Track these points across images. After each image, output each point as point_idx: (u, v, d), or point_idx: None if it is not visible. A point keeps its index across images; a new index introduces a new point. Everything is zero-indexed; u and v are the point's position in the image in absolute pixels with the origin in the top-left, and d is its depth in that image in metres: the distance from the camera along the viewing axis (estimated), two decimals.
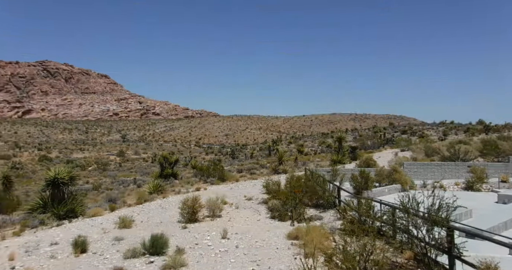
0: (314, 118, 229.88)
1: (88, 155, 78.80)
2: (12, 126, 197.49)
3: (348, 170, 20.18)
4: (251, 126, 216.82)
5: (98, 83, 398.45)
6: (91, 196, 19.25)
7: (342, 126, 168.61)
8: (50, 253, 8.25)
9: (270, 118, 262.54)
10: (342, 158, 28.82)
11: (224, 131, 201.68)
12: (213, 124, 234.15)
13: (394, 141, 51.38)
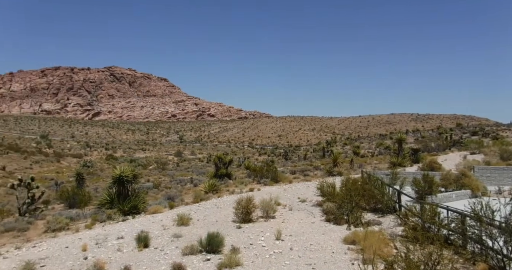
0: (371, 118, 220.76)
1: (149, 154, 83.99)
2: (83, 127, 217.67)
3: (409, 173, 19.04)
4: (305, 127, 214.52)
5: (158, 86, 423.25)
6: (152, 194, 20.45)
7: (402, 127, 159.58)
8: (117, 246, 8.93)
9: (324, 119, 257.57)
10: (402, 160, 27.28)
11: (277, 132, 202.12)
12: (266, 125, 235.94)
13: (463, 143, 47.38)
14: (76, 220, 13.16)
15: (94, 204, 16.75)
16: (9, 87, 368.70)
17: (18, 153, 67.68)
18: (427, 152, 39.82)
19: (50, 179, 35.89)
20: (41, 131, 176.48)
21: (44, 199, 18.55)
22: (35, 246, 9.48)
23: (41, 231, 11.63)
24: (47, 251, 8.84)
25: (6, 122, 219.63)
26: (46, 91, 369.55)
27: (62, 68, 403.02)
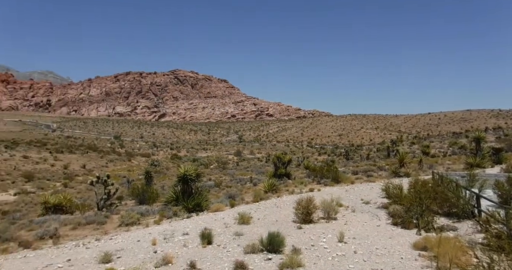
0: (443, 116, 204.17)
1: (210, 154, 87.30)
2: (151, 128, 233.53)
3: (489, 175, 17.20)
4: (367, 126, 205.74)
5: (218, 87, 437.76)
6: (213, 192, 21.20)
7: (480, 124, 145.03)
8: (182, 241, 9.42)
9: (388, 117, 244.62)
10: (481, 161, 24.75)
11: (337, 131, 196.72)
12: (326, 124, 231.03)
13: None
14: (146, 216, 14.14)
15: (161, 201, 17.84)
16: (88, 92, 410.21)
17: (95, 152, 74.98)
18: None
19: (123, 177, 39.08)
20: (114, 132, 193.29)
21: (118, 195, 20.28)
22: (111, 239, 10.40)
23: (116, 225, 12.72)
24: (121, 244, 9.64)
25: (85, 124, 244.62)
26: (118, 95, 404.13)
27: (132, 73, 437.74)
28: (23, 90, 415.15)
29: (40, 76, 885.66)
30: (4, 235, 10.80)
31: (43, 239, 10.70)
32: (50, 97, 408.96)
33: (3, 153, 57.17)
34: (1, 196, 28.52)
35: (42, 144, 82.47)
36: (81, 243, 10.02)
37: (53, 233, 11.06)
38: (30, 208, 19.89)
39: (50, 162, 55.66)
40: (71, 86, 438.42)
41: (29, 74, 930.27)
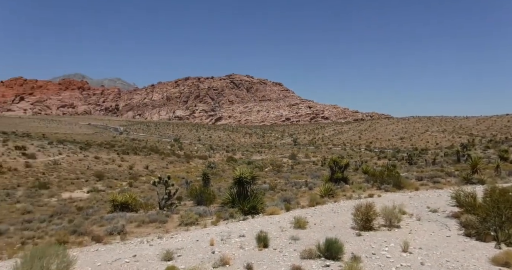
0: None
1: (265, 157, 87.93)
2: (208, 131, 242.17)
3: None
4: (432, 128, 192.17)
5: (273, 91, 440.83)
6: (268, 195, 21.26)
7: None
8: (239, 243, 9.56)
9: (457, 119, 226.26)
10: None
11: (399, 135, 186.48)
12: (386, 127, 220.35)
13: None
14: (204, 216, 14.60)
15: (218, 202, 18.31)
16: (151, 97, 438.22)
17: (157, 154, 79.63)
18: None
19: (182, 178, 40.93)
20: (174, 135, 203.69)
21: (178, 195, 21.26)
22: (172, 237, 10.90)
23: (176, 224, 13.31)
24: (181, 243, 10.05)
25: (148, 127, 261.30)
26: (178, 100, 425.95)
27: (191, 78, 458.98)
28: (95, 96, 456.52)
29: (110, 83, 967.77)
30: (79, 229, 11.88)
31: (112, 234, 11.56)
32: (118, 102, 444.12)
33: (78, 153, 63.19)
34: (76, 193, 31.49)
35: (111, 146, 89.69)
36: (145, 240, 10.64)
37: (120, 230, 11.91)
38: (100, 205, 21.66)
39: (117, 162, 60.26)
40: (136, 92, 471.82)
41: (100, 81, 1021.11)
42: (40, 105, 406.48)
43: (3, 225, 14.29)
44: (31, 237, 11.48)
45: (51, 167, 48.38)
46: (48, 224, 14.61)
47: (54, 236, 11.33)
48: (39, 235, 11.78)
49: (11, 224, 14.99)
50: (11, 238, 11.62)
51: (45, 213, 19.11)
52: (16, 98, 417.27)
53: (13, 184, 36.50)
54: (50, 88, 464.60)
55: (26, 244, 10.66)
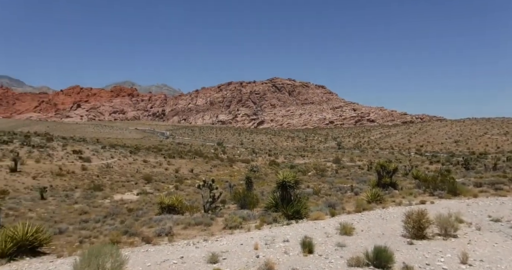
0: None
1: (308, 161, 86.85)
2: (250, 135, 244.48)
3: None
4: (492, 131, 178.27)
5: (315, 94, 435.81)
6: (312, 200, 20.94)
7: None
8: (283, 248, 9.51)
9: None
10: None
11: (453, 138, 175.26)
12: (438, 129, 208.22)
13: None
14: (247, 220, 14.72)
15: (261, 206, 18.37)
16: (195, 102, 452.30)
17: (201, 157, 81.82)
18: None
19: (225, 181, 41.61)
20: (217, 139, 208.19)
21: (222, 199, 21.66)
22: (217, 240, 11.11)
23: (221, 227, 13.55)
24: (226, 246, 10.21)
25: (193, 131, 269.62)
26: (221, 104, 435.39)
27: (233, 83, 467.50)
28: (143, 102, 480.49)
29: (157, 89, 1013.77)
30: (130, 230, 12.52)
31: (160, 236, 12.04)
32: (164, 107, 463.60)
33: (129, 157, 66.74)
34: (127, 195, 33.22)
35: (158, 150, 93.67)
36: (191, 242, 10.95)
37: (168, 231, 12.37)
38: (149, 207, 22.65)
39: (164, 166, 62.76)
40: (181, 97, 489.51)
41: (148, 87, 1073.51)
42: (94, 111, 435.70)
43: (63, 225, 15.46)
44: (88, 236, 12.30)
45: (104, 170, 51.56)
46: (103, 224, 15.55)
47: (108, 236, 12.05)
48: (95, 235, 12.58)
49: (70, 224, 16.16)
50: (70, 237, 12.53)
51: (99, 213, 20.37)
52: (73, 106, 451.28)
53: (71, 185, 39.36)
54: (103, 96, 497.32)
55: (84, 243, 11.43)
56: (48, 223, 16.41)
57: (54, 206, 26.10)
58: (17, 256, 9.64)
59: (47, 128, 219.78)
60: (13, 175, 40.97)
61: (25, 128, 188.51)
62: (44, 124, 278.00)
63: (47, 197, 30.15)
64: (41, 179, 41.07)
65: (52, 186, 37.93)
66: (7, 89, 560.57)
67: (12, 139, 68.16)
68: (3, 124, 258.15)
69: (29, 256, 9.84)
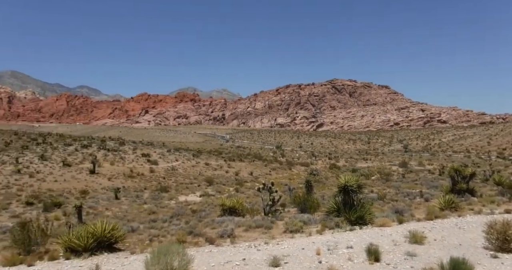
0: None
1: (371, 164, 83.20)
2: (309, 138, 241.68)
3: None
4: None
5: (378, 94, 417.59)
6: (377, 205, 20.00)
7: None
8: (347, 255, 9.21)
9: None
10: None
11: None
12: None
13: None
14: (308, 224, 14.52)
15: (322, 211, 18.00)
16: (254, 106, 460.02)
17: (260, 161, 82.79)
18: None
19: (284, 185, 41.57)
20: (276, 142, 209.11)
21: (281, 202, 21.65)
22: (278, 244, 11.12)
23: (281, 231, 13.53)
24: (287, 250, 10.17)
25: (252, 135, 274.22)
26: (279, 107, 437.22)
27: (291, 86, 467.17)
28: (205, 107, 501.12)
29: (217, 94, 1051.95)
30: (195, 231, 13.09)
31: (223, 237, 12.39)
32: (224, 112, 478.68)
33: (191, 160, 69.97)
34: (191, 197, 34.82)
35: (219, 153, 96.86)
36: (252, 245, 11.10)
37: (230, 233, 12.69)
38: (211, 208, 23.46)
39: (224, 168, 64.65)
40: (240, 101, 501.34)
41: (209, 93, 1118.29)
42: (160, 117, 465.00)
43: (134, 223, 16.68)
44: (157, 235, 13.10)
45: (170, 172, 54.65)
46: (169, 224, 16.45)
47: (174, 235, 12.72)
48: (163, 234, 13.36)
49: (140, 223, 17.37)
50: (141, 235, 13.45)
51: (166, 214, 21.60)
52: (142, 112, 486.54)
53: (141, 187, 42.35)
54: (168, 102, 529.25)
55: (153, 241, 12.20)
56: (122, 221, 17.82)
57: (126, 205, 28.31)
58: (97, 251, 10.61)
59: (119, 133, 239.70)
60: (92, 176, 45.30)
61: (101, 134, 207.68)
62: (117, 129, 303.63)
63: (121, 197, 32.80)
64: (115, 180, 44.83)
65: (125, 187, 41.17)
66: (86, 98, 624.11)
67: (91, 143, 75.51)
68: (83, 130, 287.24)
69: (106, 252, 10.77)
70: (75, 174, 45.35)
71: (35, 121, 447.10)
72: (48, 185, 39.07)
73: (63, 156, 56.56)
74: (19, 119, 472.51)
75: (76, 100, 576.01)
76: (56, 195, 33.79)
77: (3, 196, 31.59)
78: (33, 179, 41.01)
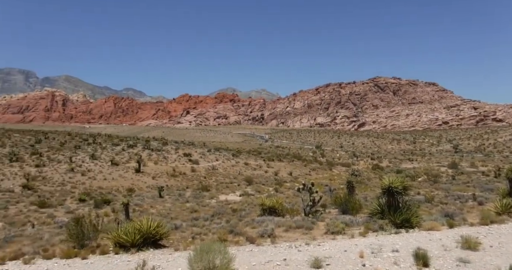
0: None
1: (417, 165, 79.53)
2: (350, 138, 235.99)
3: None
4: None
5: (425, 92, 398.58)
6: (424, 208, 19.10)
7: None
8: (392, 259, 8.87)
9: None
10: None
11: None
12: None
13: None
14: (350, 226, 14.18)
15: (364, 212, 17.52)
16: (293, 105, 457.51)
17: (300, 161, 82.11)
18: None
19: (325, 185, 40.92)
20: (315, 142, 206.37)
21: (322, 203, 21.33)
22: (319, 245, 10.97)
23: (322, 232, 13.33)
24: (329, 251, 10.00)
25: (291, 135, 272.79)
26: (319, 107, 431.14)
27: (331, 84, 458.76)
28: (244, 107, 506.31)
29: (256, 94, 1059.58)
30: (235, 230, 13.27)
31: (263, 237, 12.45)
32: (263, 112, 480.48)
33: (231, 159, 70.98)
34: (231, 196, 35.33)
35: (258, 153, 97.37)
36: (293, 245, 11.04)
37: (270, 233, 12.71)
38: (251, 208, 23.66)
39: (264, 168, 64.88)
40: (279, 101, 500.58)
41: (248, 93, 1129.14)
42: (200, 117, 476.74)
43: (177, 221, 17.25)
44: (199, 233, 13.45)
45: (210, 172, 55.84)
46: (210, 223, 16.83)
47: (215, 233, 12.98)
48: (204, 232, 13.68)
49: (183, 221, 17.93)
50: (184, 233, 13.87)
51: (207, 212, 22.11)
52: (183, 112, 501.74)
53: (183, 185, 43.68)
54: (208, 102, 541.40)
55: (195, 239, 12.53)
56: (165, 219, 18.51)
57: (169, 203, 29.33)
58: (143, 247, 11.11)
59: (162, 133, 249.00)
60: (137, 175, 47.46)
61: (145, 134, 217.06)
62: (160, 130, 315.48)
63: (164, 196, 34.05)
64: (159, 179, 46.61)
65: (168, 185, 42.68)
66: (132, 100, 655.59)
67: (136, 143, 79.13)
68: (129, 131, 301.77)
69: (152, 248, 11.24)
70: (122, 173, 47.74)
71: (86, 123, 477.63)
72: (98, 183, 41.49)
73: (111, 155, 59.77)
74: (72, 121, 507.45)
75: (122, 102, 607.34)
76: (105, 192, 35.81)
77: (59, 193, 34.00)
78: (85, 177, 43.74)
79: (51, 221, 20.93)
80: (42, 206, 26.19)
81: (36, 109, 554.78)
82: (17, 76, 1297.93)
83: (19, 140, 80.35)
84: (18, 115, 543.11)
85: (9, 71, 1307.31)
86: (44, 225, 19.57)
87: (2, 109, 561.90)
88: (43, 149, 63.91)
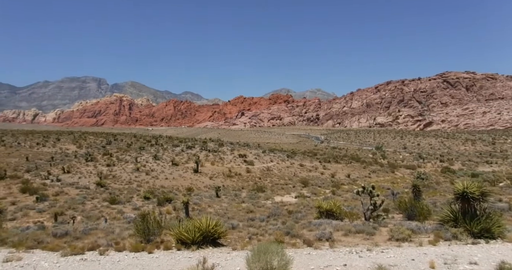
0: None
1: (497, 168, 72.58)
2: (415, 138, 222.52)
3: None
4: None
5: (506, 87, 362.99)
6: (508, 217, 17.25)
7: None
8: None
9: None
10: None
11: None
12: None
13: None
14: (417, 233, 13.27)
15: (433, 219, 16.32)
16: (350, 105, 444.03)
17: (358, 162, 79.28)
18: None
19: (387, 189, 39.02)
20: (375, 143, 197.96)
21: (384, 207, 20.28)
22: (383, 251, 10.38)
23: (385, 238, 12.62)
24: (394, 259, 9.41)
25: (348, 135, 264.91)
26: (379, 106, 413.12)
27: (393, 82, 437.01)
28: (298, 107, 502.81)
29: (311, 94, 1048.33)
30: (292, 232, 13.09)
31: (320, 240, 12.13)
32: (318, 112, 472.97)
33: (286, 161, 70.75)
34: (286, 197, 35.18)
35: (313, 154, 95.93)
36: (353, 250, 10.59)
37: (328, 237, 12.34)
38: (307, 210, 23.28)
39: (319, 170, 63.69)
40: (335, 101, 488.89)
41: (303, 93, 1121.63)
42: (255, 118, 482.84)
43: (234, 221, 17.51)
44: (255, 233, 13.50)
45: (265, 173, 56.18)
46: (266, 224, 16.83)
47: (272, 235, 12.93)
48: (261, 233, 13.70)
49: (239, 220, 18.17)
50: (241, 232, 14.03)
51: (263, 213, 22.20)
52: (238, 114, 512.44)
53: (239, 186, 44.48)
54: (262, 104, 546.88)
55: (252, 239, 12.60)
56: (223, 218, 18.91)
57: (226, 203, 30.01)
58: (203, 245, 11.45)
59: (218, 135, 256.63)
60: (196, 175, 49.36)
61: (202, 135, 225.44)
62: (216, 131, 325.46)
63: (221, 195, 34.94)
64: (216, 179, 47.99)
65: (224, 185, 43.77)
66: (190, 103, 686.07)
67: (194, 144, 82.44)
68: (188, 132, 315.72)
69: (211, 246, 11.53)
70: (181, 173, 49.98)
71: (149, 125, 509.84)
72: (160, 182, 43.89)
73: (171, 156, 62.91)
74: (137, 124, 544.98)
75: (181, 105, 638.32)
76: (166, 191, 37.74)
77: (127, 191, 36.56)
78: (149, 176, 46.56)
79: (120, 216, 22.61)
80: (113, 202, 28.39)
81: (106, 113, 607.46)
82: (91, 84, 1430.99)
83: (93, 141, 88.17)
84: (92, 119, 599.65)
85: (85, 79, 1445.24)
86: (115, 220, 21.17)
87: (79, 114, 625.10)
88: (113, 149, 69.45)
